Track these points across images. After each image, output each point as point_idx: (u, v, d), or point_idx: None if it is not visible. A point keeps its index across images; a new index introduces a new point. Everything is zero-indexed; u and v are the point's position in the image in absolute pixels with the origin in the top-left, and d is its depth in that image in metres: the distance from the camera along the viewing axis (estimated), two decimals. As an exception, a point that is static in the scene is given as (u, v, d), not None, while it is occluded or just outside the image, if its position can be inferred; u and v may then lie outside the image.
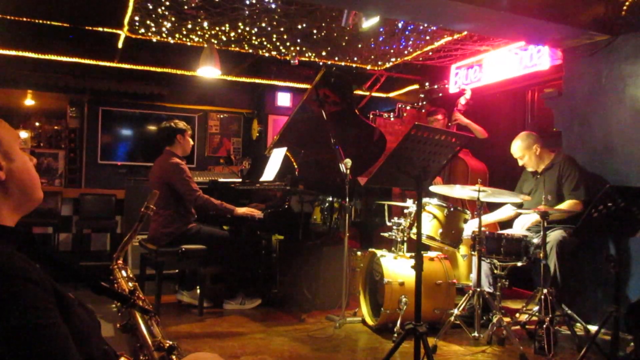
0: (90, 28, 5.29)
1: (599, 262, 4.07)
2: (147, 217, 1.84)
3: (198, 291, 4.34)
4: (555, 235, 3.81)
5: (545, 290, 3.42)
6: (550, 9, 3.89)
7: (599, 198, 3.05)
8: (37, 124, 8.35)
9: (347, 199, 4.05)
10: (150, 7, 4.48)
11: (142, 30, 5.13)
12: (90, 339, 1.16)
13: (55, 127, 8.20)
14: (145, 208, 1.78)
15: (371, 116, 6.80)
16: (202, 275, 4.37)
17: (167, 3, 4.39)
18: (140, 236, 4.55)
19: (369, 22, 4.38)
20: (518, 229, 4.07)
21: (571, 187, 4.01)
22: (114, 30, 5.28)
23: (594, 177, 4.20)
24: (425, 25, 4.80)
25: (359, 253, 4.74)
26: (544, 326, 3.28)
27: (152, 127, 7.68)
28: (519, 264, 3.67)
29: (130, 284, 1.63)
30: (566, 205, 3.92)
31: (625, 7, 4.05)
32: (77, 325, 1.10)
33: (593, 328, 3.66)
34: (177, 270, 4.83)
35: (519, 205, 4.22)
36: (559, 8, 3.93)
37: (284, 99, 7.99)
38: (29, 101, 7.88)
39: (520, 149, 4.20)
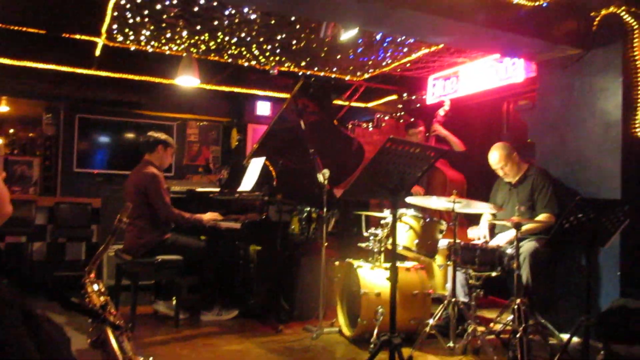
0: (67, 36, 5.24)
1: (572, 272, 4.14)
2: (121, 230, 1.83)
3: (174, 302, 4.30)
4: (528, 246, 3.86)
5: (518, 300, 3.47)
6: (524, 24, 3.98)
7: (570, 210, 3.12)
8: (11, 130, 8.21)
9: (325, 209, 4.06)
10: (129, 15, 4.46)
11: (121, 39, 5.10)
12: (59, 356, 1.15)
13: (30, 134, 8.07)
14: (118, 221, 1.77)
15: (350, 126, 6.85)
16: (179, 286, 4.33)
17: (146, 12, 4.37)
18: (116, 246, 4.49)
19: (348, 34, 4.42)
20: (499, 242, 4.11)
21: (545, 200, 4.07)
22: (92, 38, 5.23)
23: (567, 188, 4.28)
24: (403, 37, 4.86)
25: (337, 263, 4.74)
26: (518, 336, 3.33)
27: (130, 135, 7.62)
28: (494, 274, 3.72)
29: (101, 299, 1.62)
30: (541, 218, 3.99)
31: (596, 22, 4.16)
32: (45, 343, 1.09)
33: (566, 336, 3.72)
34: (153, 281, 4.78)
35: (493, 215, 4.28)
36: (533, 22, 4.02)
37: (263, 108, 8.00)
38: (4, 107, 7.75)
39: (502, 158, 4.20)
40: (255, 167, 4.77)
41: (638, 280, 3.92)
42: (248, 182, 4.73)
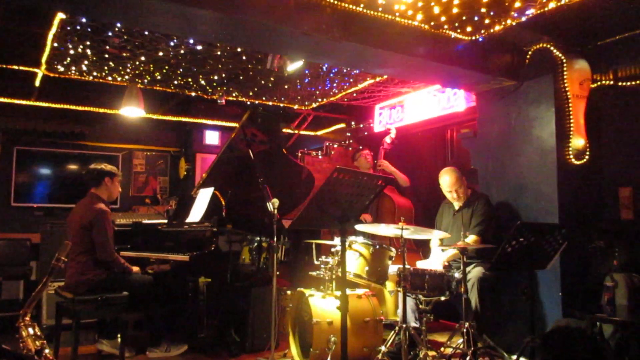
0: (4, 66, 5.05)
1: (517, 294, 4.26)
2: (58, 270, 1.76)
3: (119, 340, 4.12)
4: (475, 272, 3.96)
5: (467, 324, 3.54)
6: (462, 57, 4.17)
7: (511, 234, 3.23)
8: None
9: (275, 239, 4.03)
10: (70, 46, 4.36)
11: (62, 69, 4.97)
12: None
13: (-37, 168, 7.67)
14: (55, 260, 1.71)
15: (300, 154, 6.88)
16: (124, 323, 4.15)
17: (88, 43, 4.29)
18: (57, 283, 4.29)
19: (294, 65, 4.49)
20: (437, 265, 4.20)
21: (474, 223, 4.21)
22: (31, 69, 5.07)
23: (509, 212, 4.44)
24: (348, 68, 4.98)
25: (288, 292, 4.71)
26: (467, 359, 3.38)
27: (73, 167, 7.38)
28: (442, 298, 3.78)
29: (37, 343, 1.55)
30: (468, 240, 4.11)
31: (528, 56, 4.41)
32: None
33: (514, 357, 3.81)
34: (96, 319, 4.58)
35: (440, 241, 4.37)
36: (471, 56, 4.21)
37: (212, 137, 7.95)
38: None
39: (453, 182, 4.32)
40: (204, 198, 4.70)
41: (579, 300, 4.08)
42: (197, 213, 4.66)
